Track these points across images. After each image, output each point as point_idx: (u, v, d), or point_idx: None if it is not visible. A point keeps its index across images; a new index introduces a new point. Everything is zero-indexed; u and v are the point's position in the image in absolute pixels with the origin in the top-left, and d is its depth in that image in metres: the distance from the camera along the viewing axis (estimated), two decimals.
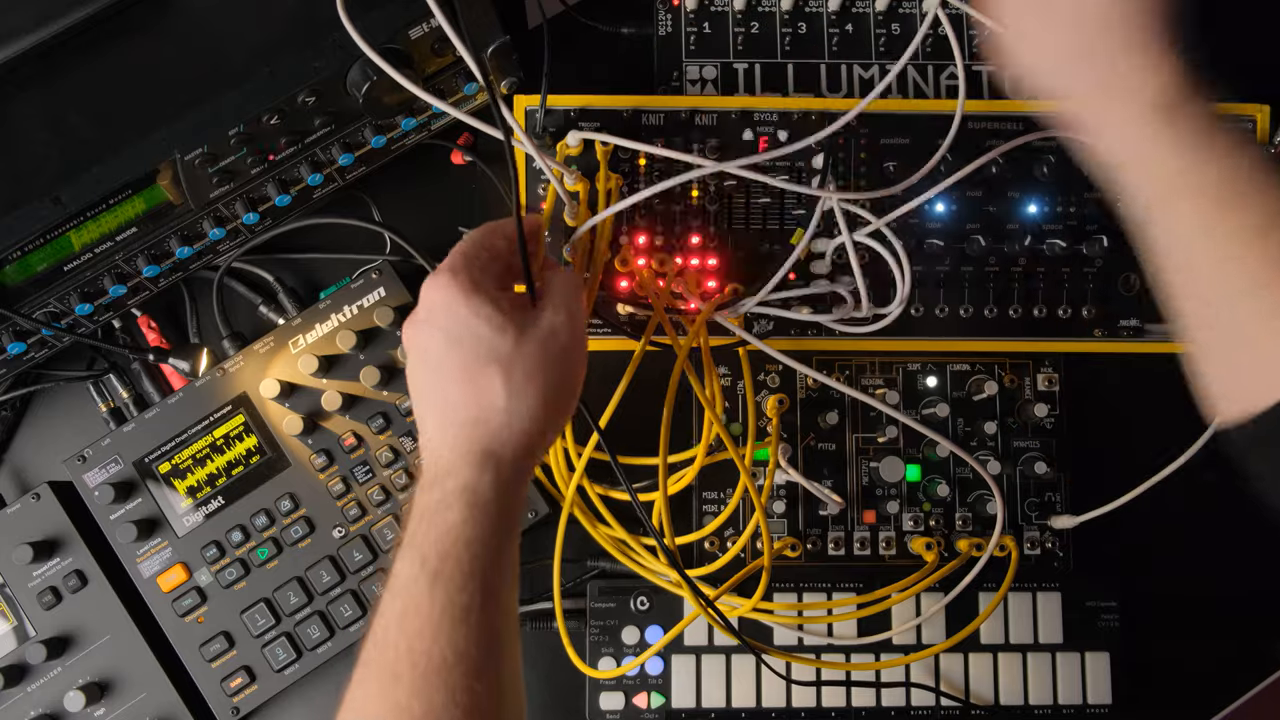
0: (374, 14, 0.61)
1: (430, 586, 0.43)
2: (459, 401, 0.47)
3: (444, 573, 0.44)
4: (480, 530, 0.45)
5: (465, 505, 0.45)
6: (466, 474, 0.46)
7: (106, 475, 0.70)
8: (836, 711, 0.72)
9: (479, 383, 0.47)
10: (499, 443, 0.47)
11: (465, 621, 0.43)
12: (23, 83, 0.62)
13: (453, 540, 0.44)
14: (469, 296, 0.48)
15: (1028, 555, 0.74)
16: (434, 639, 0.43)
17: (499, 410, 0.47)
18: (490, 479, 0.46)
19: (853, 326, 0.70)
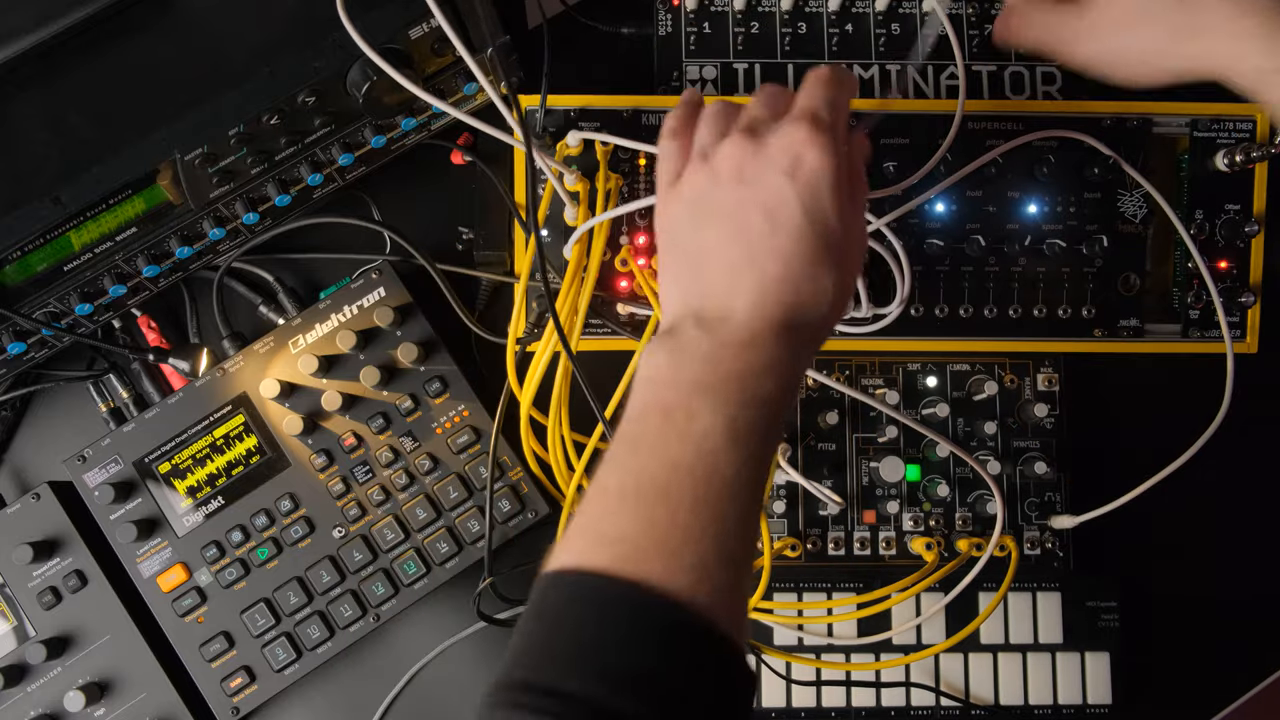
0: (374, 14, 0.61)
1: (731, 446, 0.42)
2: (795, 281, 0.45)
3: (746, 439, 0.43)
4: (781, 407, 0.45)
5: (778, 381, 0.44)
6: (783, 351, 0.45)
7: (106, 475, 0.70)
8: (836, 711, 0.72)
9: (817, 272, 0.46)
10: (814, 331, 0.47)
11: (749, 490, 0.43)
12: (23, 83, 0.62)
13: (761, 411, 0.43)
14: (838, 187, 0.46)
15: (1028, 555, 0.74)
16: (720, 497, 0.42)
17: (824, 305, 0.46)
18: (802, 364, 0.47)
19: (853, 326, 0.70)
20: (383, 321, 0.71)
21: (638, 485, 0.42)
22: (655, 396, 0.45)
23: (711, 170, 0.48)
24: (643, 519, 0.41)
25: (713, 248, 0.47)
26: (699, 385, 0.44)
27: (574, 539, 0.42)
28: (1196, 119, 0.73)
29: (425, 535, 0.71)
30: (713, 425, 0.42)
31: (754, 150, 0.46)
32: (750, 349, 0.44)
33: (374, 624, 0.71)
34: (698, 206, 0.48)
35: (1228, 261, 0.73)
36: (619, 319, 0.71)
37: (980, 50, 0.76)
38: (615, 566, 0.40)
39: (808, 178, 0.45)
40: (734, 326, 0.45)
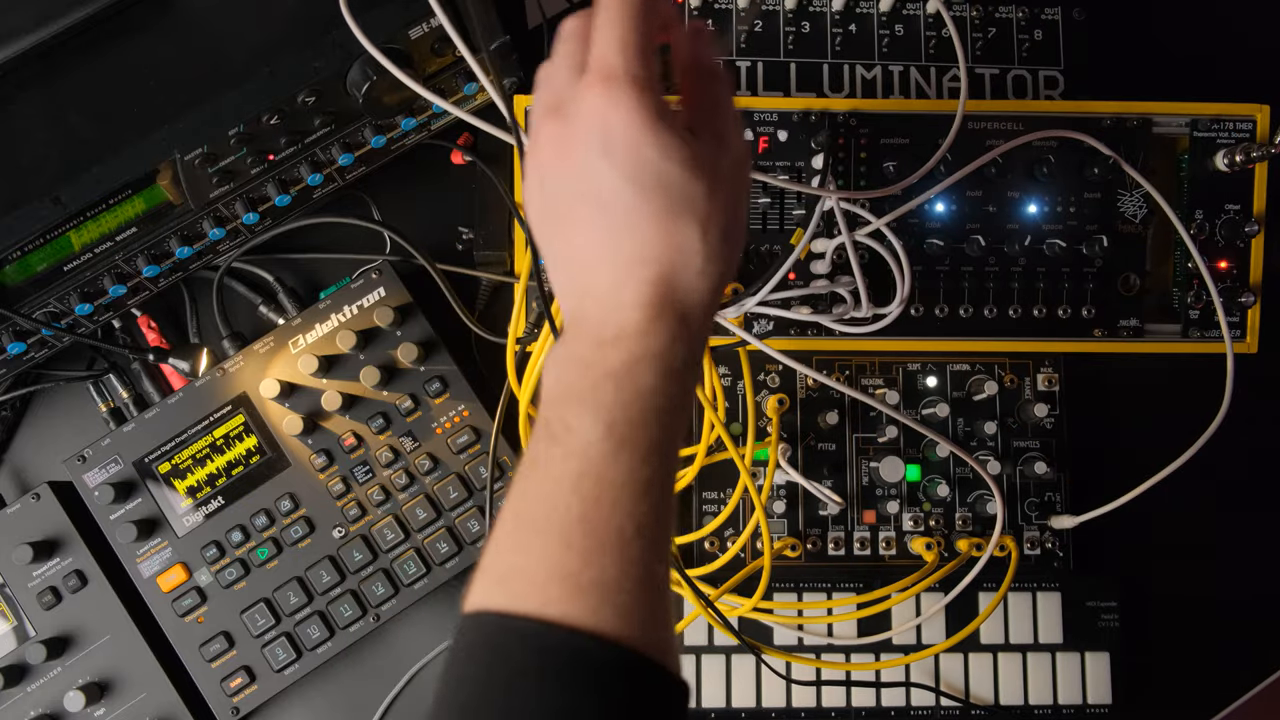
0: (374, 14, 0.61)
1: (615, 453, 0.39)
2: (647, 255, 0.41)
3: (631, 440, 0.40)
4: (670, 400, 0.41)
5: (658, 372, 0.40)
6: (658, 338, 0.41)
7: (106, 475, 0.70)
8: (836, 711, 0.72)
9: (672, 235, 0.41)
10: (691, 303, 0.42)
11: (647, 496, 0.40)
12: (23, 83, 0.62)
13: (642, 408, 0.40)
14: (658, 132, 0.40)
15: (1028, 555, 0.74)
16: (614, 508, 0.39)
17: (694, 270, 0.41)
18: (683, 345, 0.42)
19: (853, 326, 0.70)
20: (383, 321, 0.71)
21: (530, 512, 0.40)
22: (542, 415, 0.42)
23: (537, 163, 0.43)
24: (535, 548, 0.39)
25: (569, 245, 0.43)
26: (572, 394, 0.41)
27: (479, 577, 0.40)
28: (1196, 119, 0.73)
29: (425, 535, 0.71)
30: (592, 434, 0.39)
31: (564, 134, 0.41)
32: (622, 343, 0.41)
33: (374, 624, 0.71)
34: (542, 205, 0.44)
35: (1228, 261, 0.73)
36: None
37: (983, 52, 0.76)
38: (515, 604, 0.38)
39: (622, 146, 0.40)
40: (599, 321, 0.41)
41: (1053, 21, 0.77)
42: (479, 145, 0.77)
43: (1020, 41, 0.76)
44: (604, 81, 0.40)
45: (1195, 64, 0.80)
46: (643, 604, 0.38)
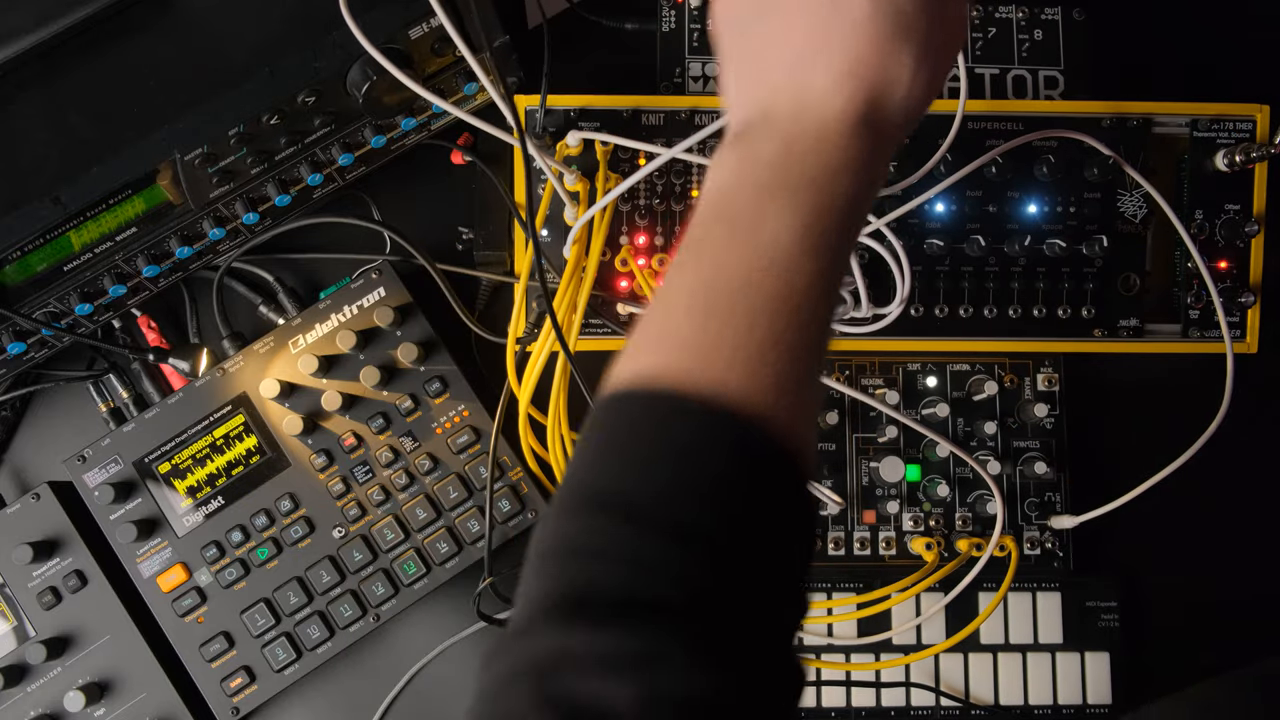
0: (374, 14, 0.61)
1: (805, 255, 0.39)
2: (860, 71, 0.41)
3: (819, 247, 0.40)
4: (859, 208, 0.42)
5: (855, 181, 0.41)
6: (861, 147, 0.41)
7: (106, 475, 0.70)
8: (836, 711, 0.72)
9: (889, 58, 0.41)
10: (894, 120, 0.43)
11: (824, 299, 0.40)
12: (23, 83, 0.62)
13: (835, 214, 0.40)
14: None
15: (1028, 555, 0.74)
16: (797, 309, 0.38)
17: (902, 92, 0.42)
18: (881, 156, 0.43)
19: (853, 326, 0.70)
20: (383, 321, 0.71)
21: (707, 297, 0.39)
22: (721, 205, 0.41)
23: None
24: (713, 332, 0.38)
25: (776, 38, 0.43)
26: (768, 188, 0.40)
27: (637, 353, 0.39)
28: (1196, 119, 0.73)
29: (425, 535, 0.71)
30: (785, 232, 0.39)
31: None
32: (824, 147, 0.41)
33: (374, 624, 0.71)
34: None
35: (1228, 261, 0.73)
36: (619, 319, 0.71)
37: (983, 52, 0.76)
38: (688, 381, 0.37)
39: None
40: (805, 123, 0.41)
41: (1053, 21, 0.77)
42: (479, 145, 0.77)
43: (1020, 41, 0.76)
44: None
45: (1195, 64, 0.80)
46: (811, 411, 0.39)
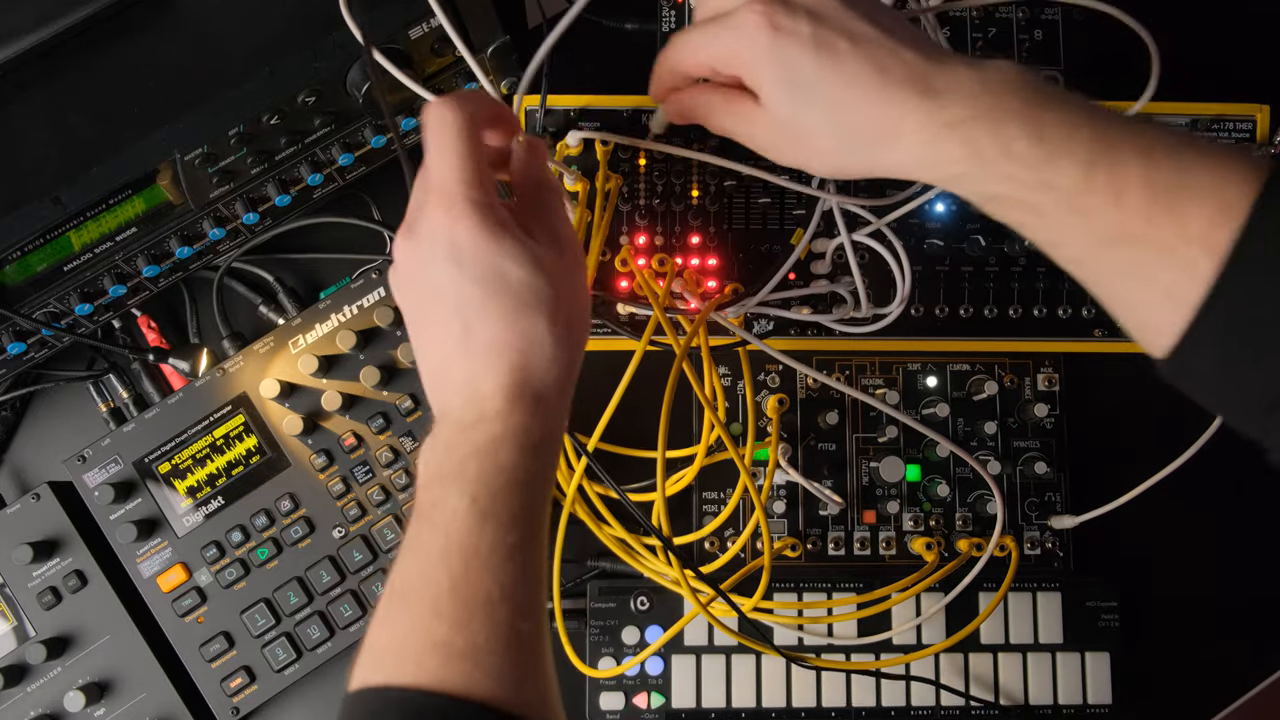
0: (374, 14, 0.61)
1: (480, 524, 0.43)
2: (500, 345, 0.45)
3: (494, 512, 0.43)
4: (529, 473, 0.45)
5: (517, 448, 0.44)
6: (516, 417, 0.45)
7: (106, 475, 0.70)
8: (836, 712, 0.72)
9: (521, 327, 0.45)
10: (545, 384, 0.46)
11: (512, 559, 0.43)
12: (23, 83, 0.62)
13: (504, 481, 0.44)
14: (499, 239, 0.45)
15: (1028, 555, 0.74)
16: (480, 575, 0.42)
17: (545, 355, 0.46)
18: (540, 421, 0.46)
19: (853, 326, 0.70)
20: (383, 321, 0.71)
21: (403, 588, 0.43)
22: (416, 499, 0.45)
23: (397, 278, 0.48)
24: (408, 621, 0.41)
25: (430, 345, 0.48)
26: (441, 475, 0.44)
27: (361, 656, 0.42)
28: (1196, 119, 0.73)
29: None
30: (457, 508, 0.43)
31: (413, 248, 0.46)
32: (482, 426, 0.45)
33: None
34: (405, 311, 0.49)
35: None
36: (619, 319, 0.71)
37: (983, 52, 0.76)
38: (394, 677, 0.40)
39: (469, 255, 0.45)
40: (461, 410, 0.46)
41: (1053, 21, 0.77)
42: None
43: (1020, 41, 0.76)
44: (444, 203, 0.45)
45: (1195, 64, 0.80)
46: (514, 664, 0.41)
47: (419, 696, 0.39)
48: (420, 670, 0.40)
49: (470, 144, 0.46)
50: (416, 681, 0.39)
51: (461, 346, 0.46)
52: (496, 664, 0.40)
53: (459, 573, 0.42)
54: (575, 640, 0.71)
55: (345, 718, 0.41)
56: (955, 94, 0.43)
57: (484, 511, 0.43)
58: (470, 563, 0.42)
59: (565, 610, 0.71)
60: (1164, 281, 0.39)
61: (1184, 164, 0.39)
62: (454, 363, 0.46)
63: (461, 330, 0.46)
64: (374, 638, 0.43)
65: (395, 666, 0.40)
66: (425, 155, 0.47)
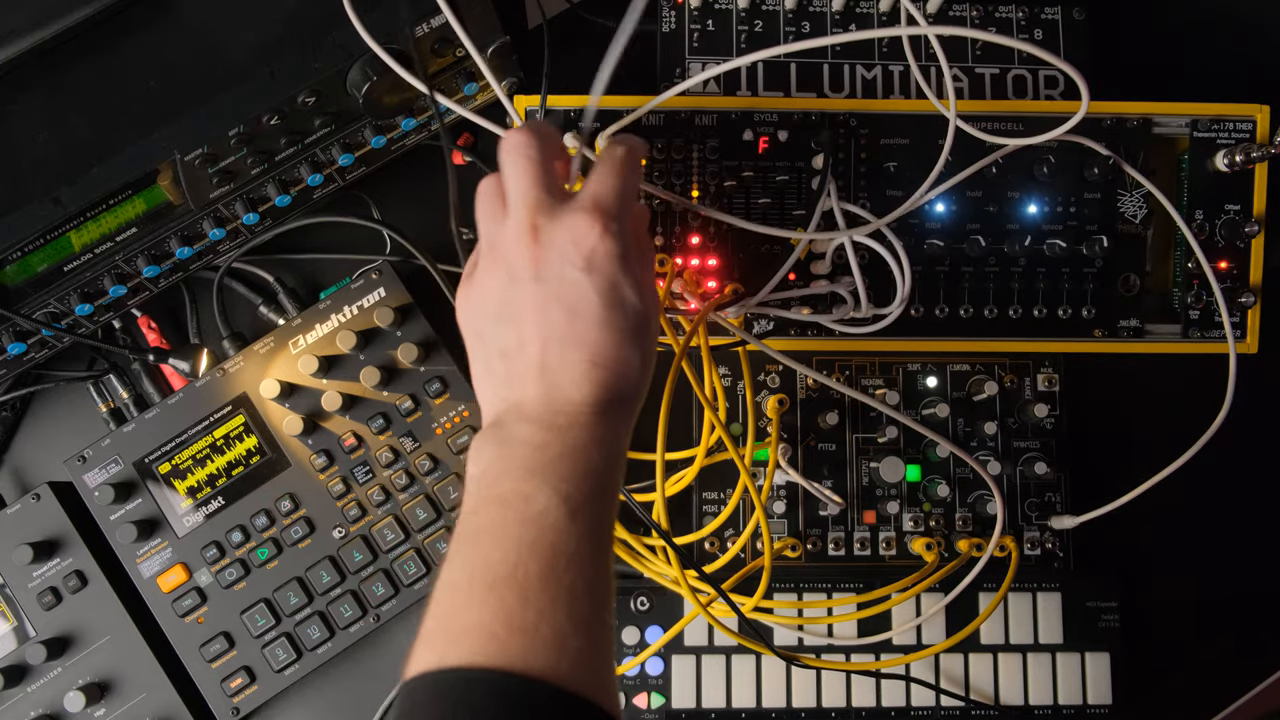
0: (374, 14, 0.61)
1: (570, 521, 0.44)
2: (601, 361, 0.48)
3: (584, 510, 0.45)
4: (611, 480, 0.48)
5: (605, 456, 0.47)
6: (605, 427, 0.48)
7: (106, 475, 0.70)
8: (836, 712, 0.72)
9: (624, 352, 0.48)
10: (630, 404, 0.50)
11: (595, 559, 0.45)
12: (23, 83, 0.62)
13: (593, 484, 0.46)
14: (628, 265, 0.49)
15: (1028, 555, 0.74)
16: (567, 569, 0.43)
17: (634, 379, 0.49)
18: (624, 434, 0.50)
19: (853, 327, 0.70)
20: (383, 322, 0.71)
21: (486, 573, 0.43)
22: (490, 488, 0.46)
23: (506, 268, 0.49)
24: (494, 605, 0.42)
25: (523, 343, 0.49)
26: (530, 469, 0.46)
27: (432, 639, 0.43)
28: (1196, 119, 0.73)
29: (425, 535, 0.71)
30: (549, 504, 0.45)
31: (544, 245, 0.48)
32: (574, 430, 0.47)
33: (374, 624, 0.71)
34: (499, 305, 0.50)
35: (1228, 262, 0.73)
36: None
37: (983, 52, 0.76)
38: (476, 658, 0.41)
39: (602, 268, 0.48)
40: (556, 413, 0.48)
41: (1053, 21, 0.77)
42: (479, 145, 0.77)
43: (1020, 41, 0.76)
44: (596, 214, 0.48)
45: (1195, 64, 0.80)
46: (593, 654, 0.43)
47: (506, 678, 0.40)
48: (505, 653, 0.41)
49: (638, 182, 0.53)
50: (500, 663, 0.40)
51: (566, 348, 0.48)
52: (578, 650, 0.42)
53: (548, 564, 0.43)
54: None
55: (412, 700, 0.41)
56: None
57: (574, 510, 0.45)
58: (559, 557, 0.43)
59: None
60: None
61: None
62: (556, 365, 0.48)
63: (569, 332, 0.48)
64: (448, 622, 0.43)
65: (478, 649, 0.41)
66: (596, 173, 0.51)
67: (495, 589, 0.43)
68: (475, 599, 0.43)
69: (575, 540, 0.44)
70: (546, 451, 0.46)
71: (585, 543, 0.44)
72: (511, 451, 0.47)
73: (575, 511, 0.45)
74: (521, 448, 0.47)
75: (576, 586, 0.43)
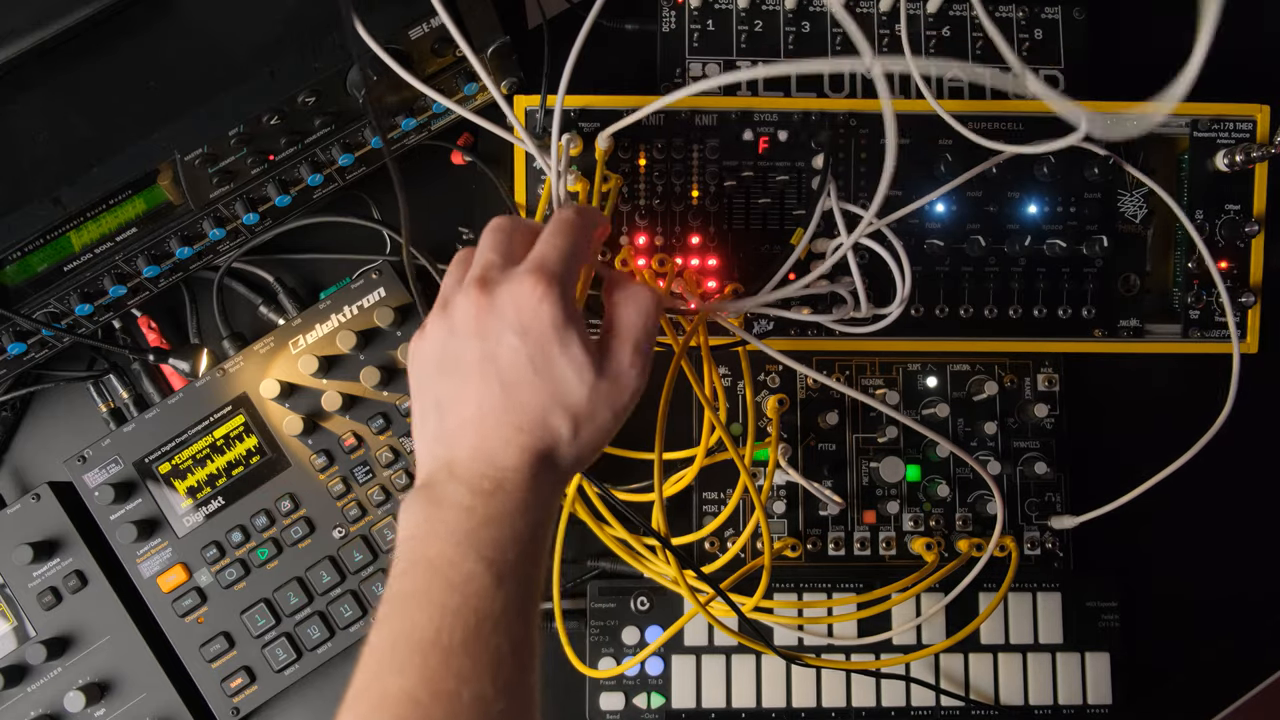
0: (374, 15, 0.61)
1: (496, 586, 0.45)
2: (528, 427, 0.48)
3: (510, 575, 0.46)
4: (538, 543, 0.48)
5: (532, 521, 0.47)
6: (532, 492, 0.48)
7: (106, 475, 0.70)
8: (836, 712, 0.72)
9: (551, 422, 0.48)
10: (559, 470, 0.49)
11: (520, 620, 0.45)
12: (23, 83, 0.62)
13: (519, 551, 0.46)
14: (565, 328, 0.47)
15: (1028, 555, 0.74)
16: (492, 633, 0.44)
17: (568, 447, 0.49)
18: (552, 497, 0.49)
19: (853, 327, 0.70)
20: (383, 322, 0.71)
21: (410, 637, 0.44)
22: (419, 551, 0.46)
23: (449, 321, 0.49)
24: (417, 669, 0.43)
25: (458, 399, 0.49)
26: (458, 534, 0.46)
27: (356, 703, 0.43)
28: (1196, 119, 0.73)
29: None
30: (475, 570, 0.45)
31: (487, 304, 0.48)
32: (499, 495, 0.47)
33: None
34: (440, 357, 0.50)
35: (1228, 262, 0.73)
36: None
37: (983, 52, 0.76)
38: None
39: (537, 335, 0.47)
40: (483, 476, 0.47)
41: (1053, 21, 0.77)
42: (479, 145, 0.77)
43: (1020, 41, 0.76)
44: (539, 275, 0.47)
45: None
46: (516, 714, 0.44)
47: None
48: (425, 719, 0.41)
49: (588, 248, 0.51)
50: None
51: (493, 412, 0.48)
52: (500, 714, 0.42)
53: (472, 629, 0.44)
54: (575, 640, 0.71)
55: None
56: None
57: (500, 576, 0.45)
58: (484, 622, 0.44)
59: (565, 610, 0.71)
60: None
61: None
62: (479, 425, 0.48)
63: (498, 396, 0.48)
64: (372, 683, 0.44)
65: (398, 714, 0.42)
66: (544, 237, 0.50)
67: (419, 652, 0.43)
68: (399, 662, 0.43)
69: (500, 604, 0.45)
70: (473, 516, 0.46)
71: (511, 605, 0.45)
72: (441, 514, 0.47)
73: (502, 577, 0.45)
74: (450, 510, 0.47)
75: (502, 649, 0.44)
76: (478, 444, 0.48)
